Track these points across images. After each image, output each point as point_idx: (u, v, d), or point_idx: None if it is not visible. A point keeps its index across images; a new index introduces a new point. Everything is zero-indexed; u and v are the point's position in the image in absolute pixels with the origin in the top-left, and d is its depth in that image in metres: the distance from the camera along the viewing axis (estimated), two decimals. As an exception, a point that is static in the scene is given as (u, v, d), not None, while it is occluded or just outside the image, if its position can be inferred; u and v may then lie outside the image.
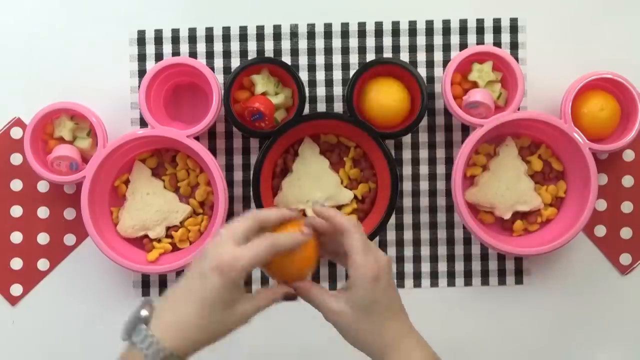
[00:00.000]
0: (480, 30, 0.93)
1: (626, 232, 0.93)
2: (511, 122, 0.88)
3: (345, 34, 0.93)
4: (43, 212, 0.93)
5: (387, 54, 0.93)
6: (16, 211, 0.93)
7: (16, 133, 0.93)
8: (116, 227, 0.91)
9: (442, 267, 0.94)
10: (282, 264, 0.66)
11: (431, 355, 0.67)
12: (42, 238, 0.93)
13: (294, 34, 0.93)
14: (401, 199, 0.93)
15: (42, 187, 0.93)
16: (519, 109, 0.90)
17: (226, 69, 0.93)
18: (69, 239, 0.93)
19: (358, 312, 0.66)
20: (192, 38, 0.93)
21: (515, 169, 0.91)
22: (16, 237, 0.93)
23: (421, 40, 0.93)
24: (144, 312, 0.62)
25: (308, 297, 0.68)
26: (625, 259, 0.94)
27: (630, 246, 0.93)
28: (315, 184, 0.90)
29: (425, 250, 0.94)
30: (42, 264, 0.93)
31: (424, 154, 0.94)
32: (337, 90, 0.93)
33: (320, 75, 0.93)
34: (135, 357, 0.61)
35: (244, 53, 0.93)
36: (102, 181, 0.90)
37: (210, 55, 0.93)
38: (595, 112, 0.89)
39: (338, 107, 0.93)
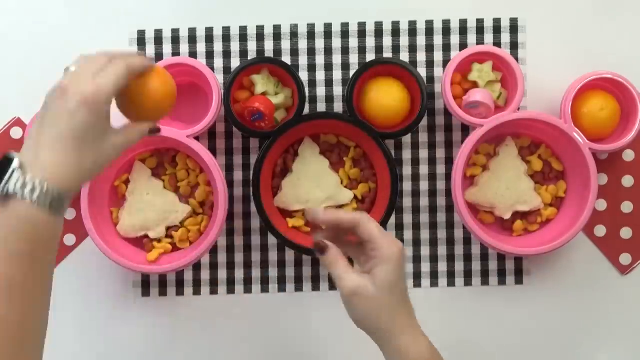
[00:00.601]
0: (480, 30, 0.93)
1: (626, 232, 0.93)
2: (511, 122, 0.88)
3: (345, 34, 0.93)
4: (43, 212, 0.93)
5: (387, 54, 0.93)
6: None
7: (16, 133, 0.93)
8: (116, 227, 0.91)
9: (442, 267, 0.94)
10: (140, 98, 0.68)
11: (433, 348, 0.69)
12: (42, 238, 0.93)
13: (294, 34, 0.93)
14: (401, 199, 0.93)
15: (42, 187, 0.93)
16: (519, 109, 0.90)
17: (226, 69, 0.93)
18: (69, 239, 0.93)
19: (380, 290, 0.67)
20: (192, 38, 0.93)
21: (515, 169, 0.91)
22: (16, 237, 0.93)
23: (421, 40, 0.93)
24: (16, 161, 0.58)
25: (334, 265, 0.69)
26: (625, 259, 0.94)
27: (630, 246, 0.93)
28: (315, 184, 0.90)
29: (425, 250, 0.94)
30: (42, 264, 0.93)
31: (424, 154, 0.93)
32: (337, 90, 0.93)
33: (320, 75, 0.93)
34: (17, 207, 0.56)
35: (244, 53, 0.93)
36: (102, 181, 0.90)
37: (210, 55, 0.93)
38: (595, 112, 0.89)
39: (338, 107, 0.93)
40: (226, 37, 0.93)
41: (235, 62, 0.93)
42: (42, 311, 0.59)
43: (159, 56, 0.93)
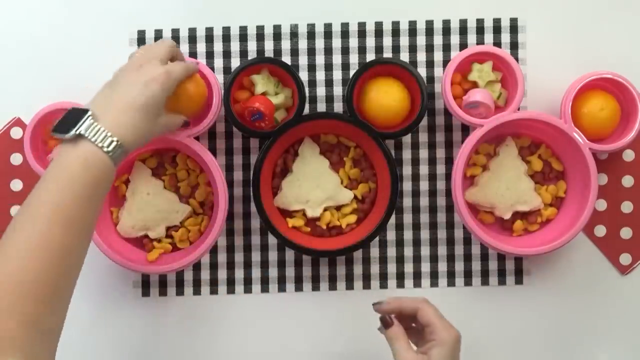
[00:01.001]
0: (480, 30, 0.93)
1: (626, 232, 0.93)
2: (511, 122, 0.88)
3: (345, 34, 0.93)
4: (43, 212, 0.93)
5: (387, 54, 0.93)
6: (16, 211, 0.93)
7: (16, 133, 0.93)
8: (116, 227, 0.91)
9: (442, 267, 0.94)
10: (181, 97, 0.79)
11: None
12: (42, 238, 0.93)
13: (294, 34, 0.93)
14: (401, 199, 0.93)
15: (42, 187, 0.93)
16: (519, 109, 0.90)
17: (226, 69, 0.93)
18: (69, 239, 0.93)
19: None
20: (192, 38, 0.93)
21: (515, 169, 0.91)
22: (16, 237, 0.93)
23: (421, 40, 0.93)
24: (90, 112, 0.69)
25: (395, 340, 0.73)
26: (625, 259, 0.94)
27: (630, 246, 0.93)
28: (315, 184, 0.90)
29: (425, 250, 0.94)
30: (42, 264, 0.93)
31: (424, 154, 0.94)
32: (337, 90, 0.93)
33: (320, 75, 0.93)
34: (85, 147, 0.67)
35: (244, 53, 0.93)
36: (102, 181, 0.90)
37: (210, 55, 0.93)
38: (595, 112, 0.89)
39: (338, 107, 0.93)
40: (226, 37, 0.93)
41: (235, 62, 0.93)
42: (87, 242, 0.69)
43: (159, 56, 0.93)
